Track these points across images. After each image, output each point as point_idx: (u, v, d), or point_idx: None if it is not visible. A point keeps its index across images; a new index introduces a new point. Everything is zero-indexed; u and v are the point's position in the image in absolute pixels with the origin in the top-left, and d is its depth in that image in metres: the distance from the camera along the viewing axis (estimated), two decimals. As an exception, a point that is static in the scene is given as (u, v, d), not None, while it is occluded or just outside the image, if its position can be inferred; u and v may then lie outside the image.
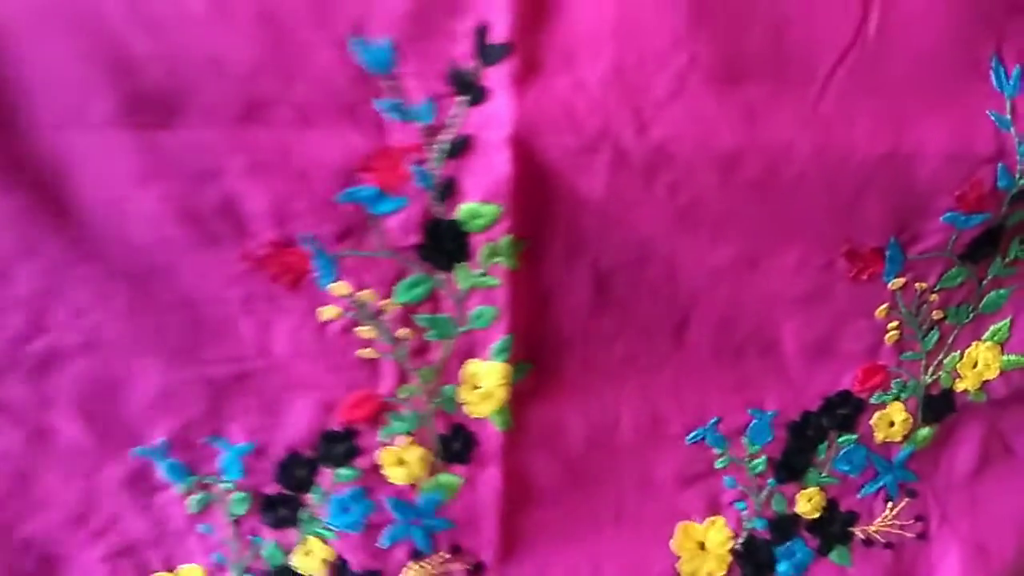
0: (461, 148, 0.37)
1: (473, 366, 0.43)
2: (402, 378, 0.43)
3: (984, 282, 0.47)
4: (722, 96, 0.37)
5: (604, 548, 0.49)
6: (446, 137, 0.37)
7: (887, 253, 0.43)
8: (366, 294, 0.40)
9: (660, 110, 0.37)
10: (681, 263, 0.43)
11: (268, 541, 0.45)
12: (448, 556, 0.47)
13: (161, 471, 0.42)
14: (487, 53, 0.35)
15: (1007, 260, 0.46)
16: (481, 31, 0.35)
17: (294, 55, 0.35)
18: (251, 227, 0.38)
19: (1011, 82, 0.40)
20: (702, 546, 0.49)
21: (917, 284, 0.45)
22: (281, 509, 0.44)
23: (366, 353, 0.42)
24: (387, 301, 0.41)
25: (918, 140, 0.39)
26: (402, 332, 0.42)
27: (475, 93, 0.36)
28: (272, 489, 0.44)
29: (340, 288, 0.40)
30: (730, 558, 0.50)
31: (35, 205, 0.36)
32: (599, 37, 0.36)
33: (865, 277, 0.44)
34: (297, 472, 0.43)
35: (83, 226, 0.37)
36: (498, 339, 0.42)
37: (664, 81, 0.37)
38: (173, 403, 0.41)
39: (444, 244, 0.39)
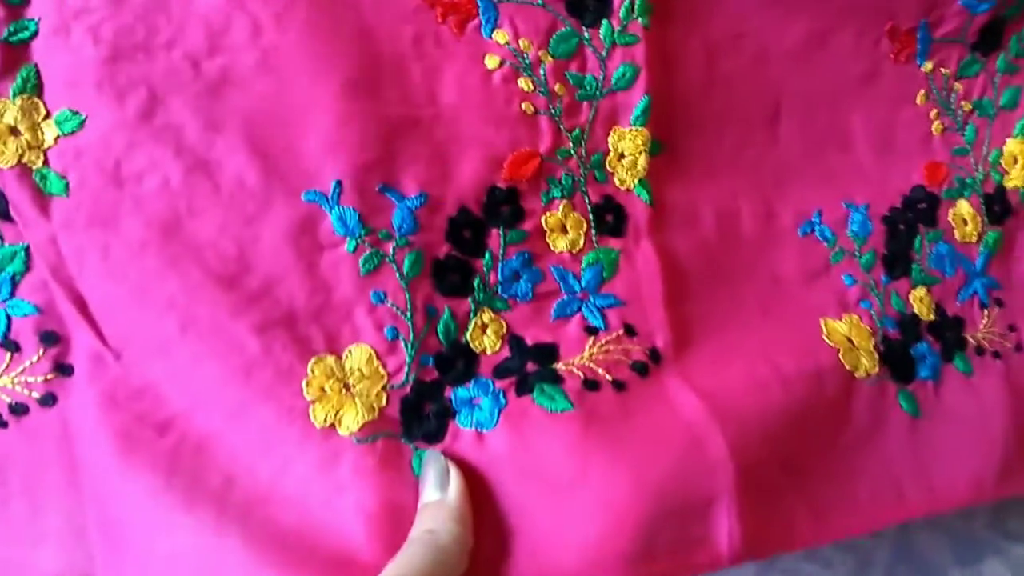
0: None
1: (617, 133, 0.45)
2: (557, 138, 0.44)
3: (996, 77, 0.56)
4: None
5: (766, 339, 0.47)
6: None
7: (918, 35, 0.52)
8: (524, 43, 0.43)
9: None
10: (767, 42, 0.49)
11: (442, 312, 0.40)
12: (623, 334, 0.43)
13: (331, 222, 0.38)
14: None
15: (1011, 55, 0.56)
16: None
17: None
18: None
19: None
20: (851, 342, 0.49)
21: (942, 69, 0.54)
22: (453, 273, 0.40)
23: (526, 107, 0.43)
24: (543, 52, 0.43)
25: None
26: (557, 87, 0.44)
27: None
28: (444, 250, 0.40)
29: (500, 36, 0.42)
30: (877, 356, 0.49)
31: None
32: None
33: (903, 59, 0.52)
34: (467, 231, 0.40)
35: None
36: (638, 101, 0.45)
37: None
38: (347, 140, 0.39)
39: (590, -1, 0.44)
